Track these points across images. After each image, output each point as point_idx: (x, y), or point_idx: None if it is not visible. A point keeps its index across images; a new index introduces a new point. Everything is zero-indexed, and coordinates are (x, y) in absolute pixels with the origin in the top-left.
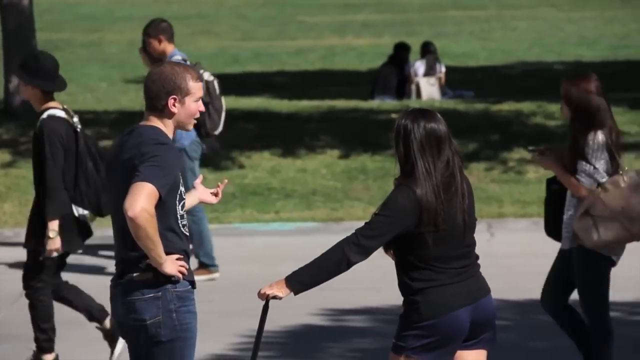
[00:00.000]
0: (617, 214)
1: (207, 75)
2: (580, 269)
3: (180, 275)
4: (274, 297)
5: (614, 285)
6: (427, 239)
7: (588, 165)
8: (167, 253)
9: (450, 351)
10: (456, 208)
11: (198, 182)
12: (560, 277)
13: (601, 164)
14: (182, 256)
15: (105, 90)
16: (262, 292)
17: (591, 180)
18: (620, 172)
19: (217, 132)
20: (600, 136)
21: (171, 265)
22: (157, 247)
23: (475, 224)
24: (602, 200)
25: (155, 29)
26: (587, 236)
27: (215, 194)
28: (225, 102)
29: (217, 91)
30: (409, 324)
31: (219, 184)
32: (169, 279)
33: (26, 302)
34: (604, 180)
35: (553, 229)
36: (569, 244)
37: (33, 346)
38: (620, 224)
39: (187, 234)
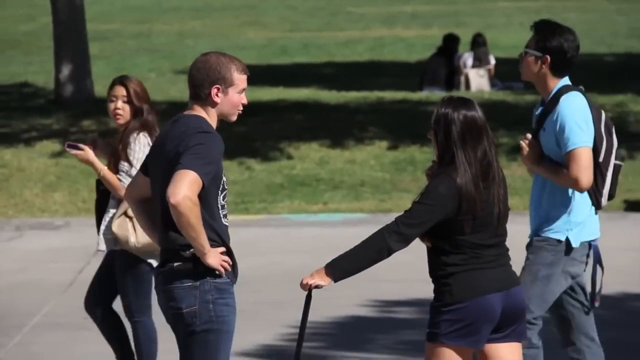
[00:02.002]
0: None
1: None
2: (120, 272)
3: (223, 270)
4: (317, 287)
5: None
6: (465, 227)
7: (129, 166)
8: (211, 245)
9: (482, 339)
10: (493, 196)
11: None
12: (105, 279)
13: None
14: (225, 250)
15: (154, 80)
16: (304, 282)
17: None
18: None
19: None
20: (142, 138)
21: (214, 257)
22: (199, 236)
23: (508, 213)
24: None
25: None
26: (125, 238)
27: None
28: (275, 93)
29: None
30: (440, 309)
31: None
32: (210, 272)
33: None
34: None
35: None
36: (111, 246)
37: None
38: None
39: (227, 224)
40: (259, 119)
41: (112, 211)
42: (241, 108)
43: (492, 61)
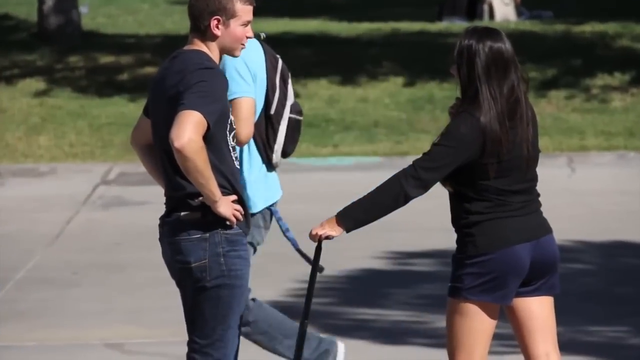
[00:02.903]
0: None
1: None
2: None
3: (234, 220)
4: (327, 237)
5: None
6: (489, 170)
7: None
8: (222, 192)
9: (509, 294)
10: (521, 137)
11: None
12: None
13: None
14: (237, 198)
15: (147, 12)
16: (314, 232)
17: None
18: None
19: None
20: None
21: (226, 206)
22: (209, 182)
23: (538, 156)
24: None
25: None
26: None
27: None
28: (279, 25)
29: None
30: (464, 261)
31: None
32: (220, 222)
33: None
34: None
35: None
36: None
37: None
38: None
39: (239, 168)
40: None
41: None
42: (245, 42)
43: None
